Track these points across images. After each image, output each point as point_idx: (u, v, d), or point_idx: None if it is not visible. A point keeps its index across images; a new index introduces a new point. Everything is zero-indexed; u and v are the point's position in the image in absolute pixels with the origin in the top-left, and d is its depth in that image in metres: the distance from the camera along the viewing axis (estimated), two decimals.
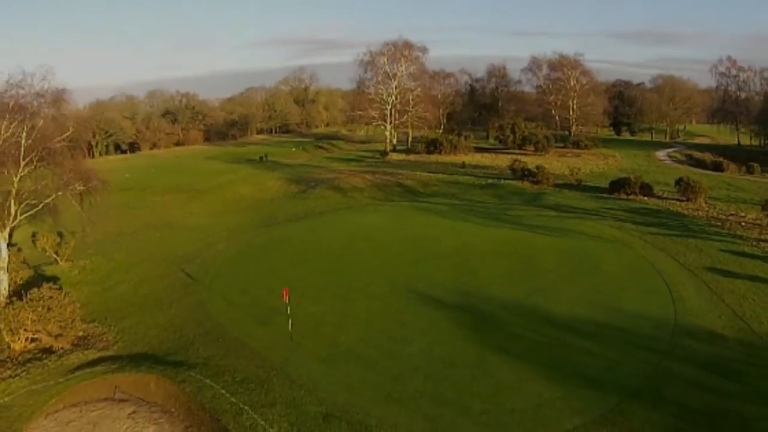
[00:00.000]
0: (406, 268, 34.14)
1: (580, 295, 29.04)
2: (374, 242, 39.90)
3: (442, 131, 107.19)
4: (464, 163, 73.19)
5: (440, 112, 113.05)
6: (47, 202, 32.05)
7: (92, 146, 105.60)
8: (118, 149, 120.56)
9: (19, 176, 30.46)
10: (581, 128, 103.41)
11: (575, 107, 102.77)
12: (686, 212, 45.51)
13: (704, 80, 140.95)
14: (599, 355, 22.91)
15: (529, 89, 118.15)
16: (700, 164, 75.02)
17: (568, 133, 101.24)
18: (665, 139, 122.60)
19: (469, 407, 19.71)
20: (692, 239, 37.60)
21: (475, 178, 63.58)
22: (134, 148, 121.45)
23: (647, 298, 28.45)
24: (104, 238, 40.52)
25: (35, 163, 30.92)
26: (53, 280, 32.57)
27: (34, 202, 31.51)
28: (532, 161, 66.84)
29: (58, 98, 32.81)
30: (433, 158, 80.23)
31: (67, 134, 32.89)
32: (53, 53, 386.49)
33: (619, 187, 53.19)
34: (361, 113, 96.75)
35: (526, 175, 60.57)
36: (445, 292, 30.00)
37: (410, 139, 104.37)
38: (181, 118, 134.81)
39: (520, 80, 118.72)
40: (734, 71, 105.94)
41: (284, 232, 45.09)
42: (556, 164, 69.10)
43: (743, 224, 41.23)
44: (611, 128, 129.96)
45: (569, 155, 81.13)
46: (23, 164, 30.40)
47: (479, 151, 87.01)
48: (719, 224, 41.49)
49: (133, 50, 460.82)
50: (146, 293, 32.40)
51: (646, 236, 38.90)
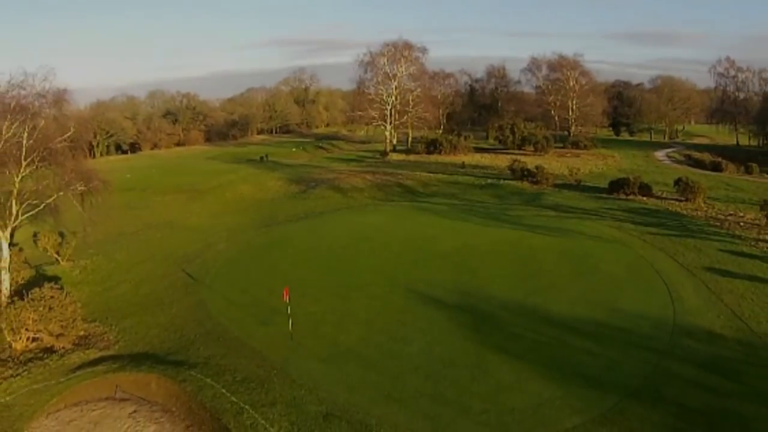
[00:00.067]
0: (406, 267, 34.22)
1: (579, 294, 29.12)
2: (374, 242, 39.97)
3: (441, 131, 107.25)
4: (464, 163, 73.18)
5: (440, 112, 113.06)
6: (48, 202, 32.19)
7: (93, 146, 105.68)
8: (119, 149, 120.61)
9: (20, 176, 30.60)
10: (580, 128, 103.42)
11: (574, 107, 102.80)
12: (685, 212, 45.57)
13: (703, 81, 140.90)
14: (598, 354, 22.99)
15: (528, 90, 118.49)
16: (698, 164, 74.93)
17: (567, 133, 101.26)
18: (664, 139, 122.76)
19: (469, 407, 19.78)
20: (691, 239, 37.67)
21: (474, 178, 63.60)
22: (135, 148, 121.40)
23: (646, 297, 28.52)
24: (105, 238, 40.71)
25: (36, 163, 31.06)
26: (54, 279, 32.69)
27: (35, 202, 31.64)
28: (531, 161, 66.83)
29: (59, 98, 32.88)
30: (432, 158, 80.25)
31: (68, 134, 32.97)
32: (54, 54, 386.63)
33: (618, 187, 53.26)
34: (361, 113, 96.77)
35: (525, 175, 60.61)
36: (444, 291, 30.07)
37: (410, 139, 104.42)
38: (181, 118, 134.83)
39: (519, 81, 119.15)
40: (733, 72, 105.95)
41: (284, 232, 45.15)
42: (555, 164, 69.06)
43: (742, 224, 41.31)
44: (610, 128, 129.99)
45: (568, 155, 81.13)
46: (25, 164, 30.55)
47: (479, 151, 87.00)
48: (718, 224, 41.56)
49: (133, 51, 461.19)
50: (147, 293, 32.50)
51: (645, 236, 38.97)
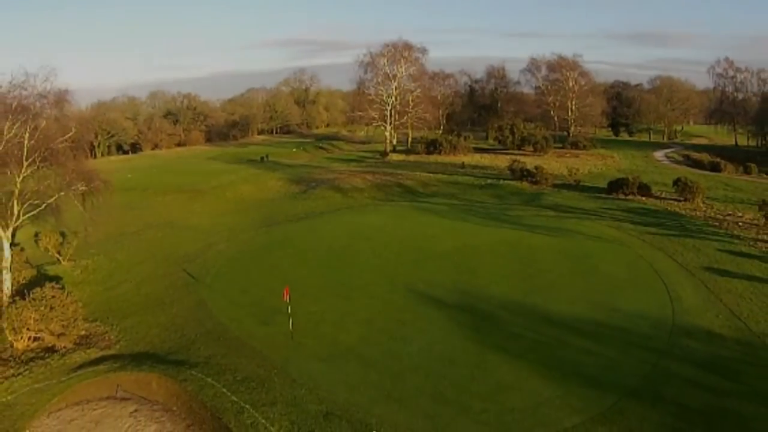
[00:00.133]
0: (405, 267, 34.33)
1: (578, 294, 29.23)
2: (374, 242, 40.06)
3: (441, 132, 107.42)
4: (464, 163, 73.32)
5: (440, 112, 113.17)
6: (50, 202, 32.28)
7: (94, 147, 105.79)
8: (120, 150, 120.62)
9: (22, 176, 30.67)
10: (580, 129, 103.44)
11: (574, 108, 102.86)
12: (684, 212, 45.71)
13: (702, 81, 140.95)
14: (598, 354, 23.09)
15: (528, 90, 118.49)
16: (697, 165, 75.10)
17: (566, 133, 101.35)
18: (663, 139, 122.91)
19: (468, 406, 19.86)
20: (690, 239, 37.80)
21: (474, 178, 63.73)
22: (136, 148, 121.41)
23: (645, 297, 28.64)
24: (106, 238, 40.76)
25: (38, 163, 31.13)
26: (56, 279, 32.76)
27: (36, 202, 31.72)
28: (531, 162, 67.01)
29: (60, 99, 32.93)
30: (432, 159, 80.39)
31: (69, 135, 33.02)
32: (55, 54, 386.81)
33: (617, 187, 53.41)
34: (361, 114, 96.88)
35: (525, 175, 60.74)
36: (444, 291, 30.17)
37: (410, 139, 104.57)
38: (182, 118, 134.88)
39: (519, 81, 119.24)
40: (732, 72, 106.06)
41: (285, 232, 45.23)
42: (554, 165, 69.14)
43: (740, 224, 41.46)
44: (609, 129, 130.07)
45: (568, 156, 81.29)
46: (26, 165, 30.64)
47: (478, 151, 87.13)
48: (717, 224, 41.69)
49: (134, 51, 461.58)
50: (148, 293, 32.54)
51: (644, 236, 39.09)
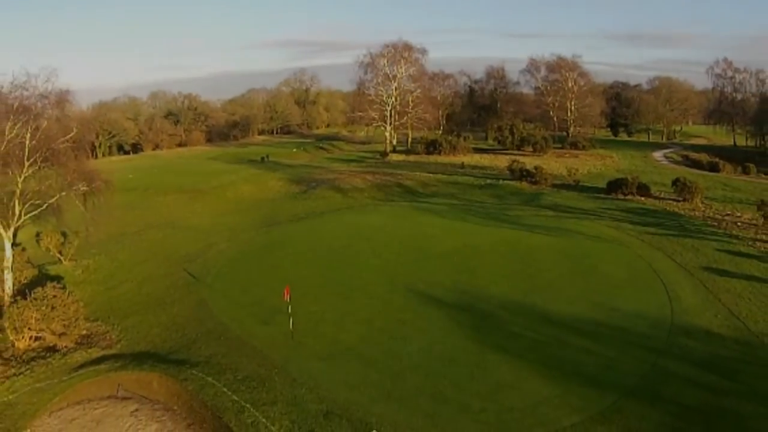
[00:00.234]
0: (405, 267, 34.43)
1: (578, 294, 29.33)
2: (374, 242, 40.16)
3: (441, 132, 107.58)
4: (463, 163, 73.46)
5: (440, 113, 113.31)
6: (51, 202, 32.35)
7: (95, 147, 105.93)
8: (121, 150, 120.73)
9: (23, 177, 30.73)
10: (579, 129, 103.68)
11: (573, 108, 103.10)
12: (683, 212, 45.83)
13: (701, 82, 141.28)
14: (597, 353, 23.19)
15: (527, 91, 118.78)
16: (696, 165, 75.27)
17: (566, 134, 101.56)
18: (662, 140, 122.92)
19: (468, 405, 19.94)
20: (689, 239, 37.91)
21: (474, 178, 63.84)
22: (137, 148, 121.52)
23: (644, 297, 28.75)
24: (107, 237, 40.85)
25: (39, 163, 31.18)
26: (57, 279, 32.89)
27: (38, 202, 31.78)
28: (530, 162, 67.17)
29: (61, 99, 32.93)
30: (432, 159, 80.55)
31: (70, 135, 33.06)
32: (56, 55, 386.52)
33: (616, 187, 53.52)
34: (361, 114, 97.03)
35: (524, 175, 60.87)
36: (444, 291, 30.27)
37: (410, 139, 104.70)
38: (183, 119, 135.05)
39: (518, 82, 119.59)
40: (730, 73, 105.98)
41: (285, 232, 45.33)
42: (554, 165, 69.30)
43: (739, 224, 41.57)
44: (608, 129, 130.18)
45: (567, 156, 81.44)
46: (27, 165, 30.71)
47: (478, 151, 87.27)
48: (715, 224, 41.80)
49: (135, 52, 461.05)
50: (149, 292, 32.62)
51: (643, 236, 39.19)
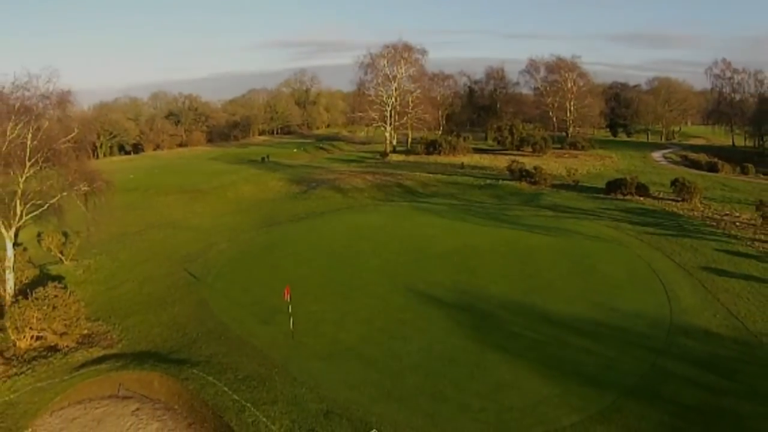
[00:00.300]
0: (405, 267, 34.51)
1: (577, 294, 29.41)
2: (374, 242, 40.25)
3: (441, 132, 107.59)
4: (463, 163, 73.56)
5: (439, 113, 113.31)
6: (52, 202, 32.42)
7: (96, 147, 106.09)
8: (122, 150, 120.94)
9: (24, 177, 30.82)
10: (578, 129, 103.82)
11: (572, 109, 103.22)
12: (682, 212, 45.91)
13: (699, 82, 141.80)
14: (596, 353, 23.26)
15: (527, 91, 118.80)
16: (695, 165, 75.36)
17: (565, 134, 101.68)
18: (661, 140, 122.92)
19: (468, 405, 20.02)
20: (688, 239, 37.99)
21: (473, 178, 63.93)
22: (138, 149, 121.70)
23: (643, 297, 28.82)
24: (108, 237, 40.91)
25: (41, 164, 31.27)
26: (58, 279, 33.02)
27: (39, 202, 31.85)
28: (529, 162, 67.32)
29: (63, 100, 32.99)
30: (432, 159, 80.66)
31: (71, 135, 33.14)
32: (58, 55, 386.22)
33: (615, 187, 53.61)
34: (361, 115, 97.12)
35: (523, 175, 60.96)
36: (444, 291, 30.35)
37: (410, 140, 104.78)
38: (184, 119, 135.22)
39: (518, 82, 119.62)
40: (729, 73, 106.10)
41: (286, 231, 45.42)
42: (553, 165, 69.43)
43: (738, 224, 41.64)
44: (608, 129, 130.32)
45: (566, 156, 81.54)
46: (29, 165, 30.79)
47: (478, 152, 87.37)
48: (714, 224, 41.87)
49: (136, 53, 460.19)
50: (150, 292, 32.70)
51: (642, 236, 39.27)
